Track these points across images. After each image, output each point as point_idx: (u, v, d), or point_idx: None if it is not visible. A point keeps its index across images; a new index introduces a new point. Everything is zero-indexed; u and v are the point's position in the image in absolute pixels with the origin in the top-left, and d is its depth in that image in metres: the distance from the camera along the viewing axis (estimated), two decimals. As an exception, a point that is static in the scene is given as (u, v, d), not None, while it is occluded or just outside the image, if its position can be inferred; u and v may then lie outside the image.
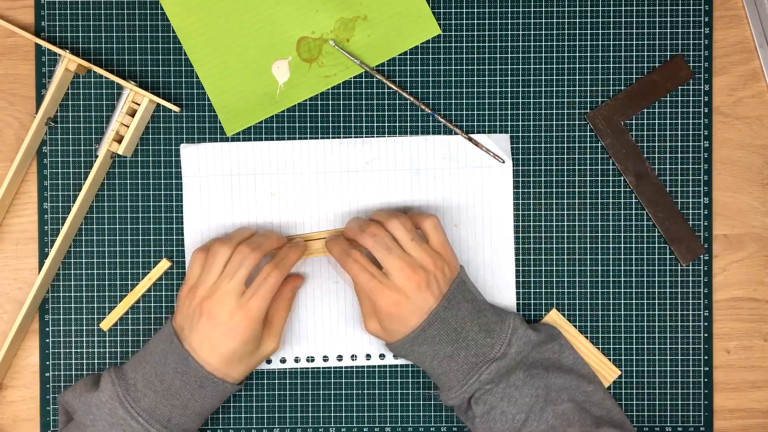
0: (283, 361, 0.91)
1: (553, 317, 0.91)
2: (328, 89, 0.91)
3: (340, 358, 0.91)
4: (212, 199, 0.91)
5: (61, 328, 0.91)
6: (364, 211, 0.91)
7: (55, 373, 0.91)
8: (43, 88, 0.90)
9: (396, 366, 0.91)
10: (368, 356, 0.91)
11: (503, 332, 0.83)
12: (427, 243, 0.83)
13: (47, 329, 0.91)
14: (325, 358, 0.91)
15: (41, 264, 0.90)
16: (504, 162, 0.90)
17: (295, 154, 0.91)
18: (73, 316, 0.91)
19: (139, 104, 0.88)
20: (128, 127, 0.88)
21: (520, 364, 0.83)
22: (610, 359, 0.91)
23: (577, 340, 0.90)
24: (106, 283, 0.91)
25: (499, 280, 0.91)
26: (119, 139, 0.88)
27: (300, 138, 0.91)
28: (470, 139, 0.87)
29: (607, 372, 0.90)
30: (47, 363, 0.91)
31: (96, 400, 0.82)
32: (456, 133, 0.90)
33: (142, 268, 0.91)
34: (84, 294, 0.91)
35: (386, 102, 0.91)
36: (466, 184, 0.91)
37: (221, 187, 0.91)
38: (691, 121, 0.91)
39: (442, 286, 0.82)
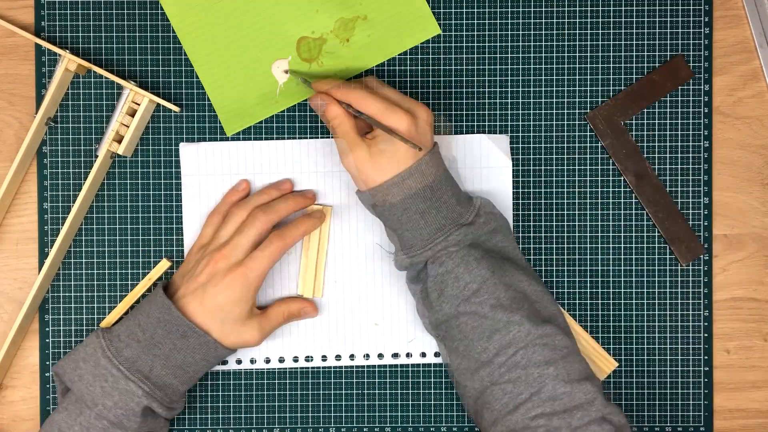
0: (281, 360, 0.91)
1: None
2: (328, 89, 0.91)
3: (338, 357, 0.91)
4: (211, 198, 0.91)
5: (61, 328, 0.91)
6: (363, 211, 0.91)
7: (55, 373, 0.91)
8: (43, 88, 0.90)
9: (396, 366, 0.91)
10: (367, 356, 0.91)
11: (472, 205, 0.84)
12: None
13: (47, 329, 0.91)
14: (324, 358, 0.91)
15: (41, 264, 0.90)
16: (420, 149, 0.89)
17: (294, 153, 0.91)
18: (73, 316, 0.91)
19: (139, 104, 0.88)
20: (128, 127, 0.88)
21: (481, 242, 0.83)
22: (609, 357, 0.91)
23: (573, 331, 0.90)
24: (106, 283, 0.91)
25: None
26: (119, 139, 0.88)
27: (300, 138, 0.91)
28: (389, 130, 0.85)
29: (605, 363, 0.90)
30: (47, 363, 0.91)
31: (83, 354, 0.82)
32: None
33: (142, 268, 0.91)
34: (84, 294, 0.91)
35: (386, 102, 0.91)
36: (466, 184, 0.91)
37: (221, 186, 0.90)
38: (691, 121, 0.91)
39: (420, 139, 0.82)
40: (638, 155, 0.91)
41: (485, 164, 0.91)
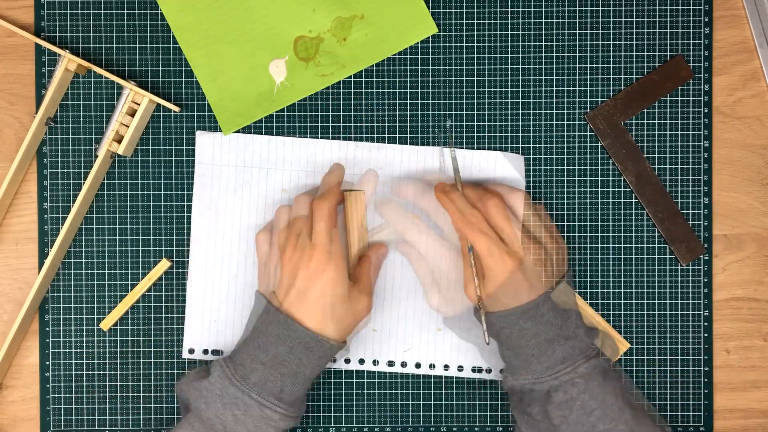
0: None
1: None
2: (331, 90, 0.91)
3: (333, 360, 0.91)
4: (222, 188, 0.90)
5: (61, 328, 0.91)
6: (373, 216, 0.90)
7: (55, 373, 0.91)
8: (43, 88, 0.90)
9: (394, 372, 0.91)
10: (362, 361, 0.91)
11: (598, 337, 0.85)
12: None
13: (47, 329, 0.91)
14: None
15: (41, 264, 0.90)
16: (488, 343, 0.89)
17: (310, 152, 0.91)
18: (73, 316, 0.91)
19: (139, 104, 0.88)
20: (128, 127, 0.88)
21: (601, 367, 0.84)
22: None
23: (585, 312, 0.90)
24: (106, 283, 0.91)
25: None
26: (119, 139, 0.88)
27: (300, 137, 0.91)
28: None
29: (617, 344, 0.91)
30: (47, 363, 0.91)
31: (207, 384, 0.81)
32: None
33: (142, 268, 0.91)
34: (84, 294, 0.91)
35: (386, 102, 0.91)
36: None
37: (233, 177, 0.90)
38: (691, 121, 0.91)
39: (556, 268, 0.84)
40: (638, 155, 0.91)
41: (499, 181, 0.90)
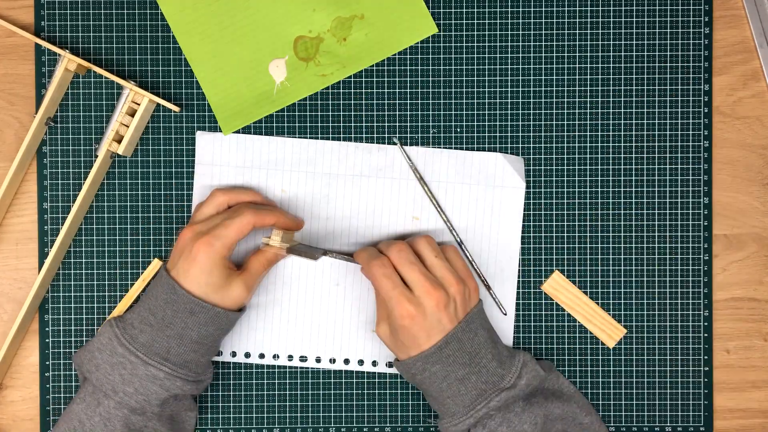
0: (276, 357, 0.91)
1: (556, 279, 0.90)
2: (331, 90, 0.91)
3: (333, 361, 0.91)
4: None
5: (61, 328, 0.91)
6: (372, 217, 0.90)
7: (55, 373, 0.91)
8: (43, 88, 0.90)
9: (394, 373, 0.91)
10: (361, 362, 0.91)
11: (514, 365, 0.84)
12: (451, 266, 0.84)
13: (47, 329, 0.91)
14: (318, 360, 0.91)
15: (41, 264, 0.90)
16: (506, 314, 0.91)
17: (310, 152, 0.91)
18: (72, 316, 0.91)
19: (139, 104, 0.88)
20: (128, 127, 0.88)
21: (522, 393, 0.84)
22: (609, 357, 0.91)
23: (580, 300, 0.90)
24: (106, 283, 0.91)
25: (499, 298, 0.91)
26: (119, 139, 0.88)
27: (300, 137, 0.91)
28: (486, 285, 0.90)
29: (613, 331, 0.90)
30: (47, 363, 0.91)
31: (98, 345, 0.83)
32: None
33: (142, 268, 0.91)
34: (84, 294, 0.91)
35: (386, 102, 0.91)
36: (478, 202, 0.90)
37: (233, 177, 0.90)
38: (691, 121, 0.91)
39: (459, 310, 0.82)
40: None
41: (498, 183, 0.90)
